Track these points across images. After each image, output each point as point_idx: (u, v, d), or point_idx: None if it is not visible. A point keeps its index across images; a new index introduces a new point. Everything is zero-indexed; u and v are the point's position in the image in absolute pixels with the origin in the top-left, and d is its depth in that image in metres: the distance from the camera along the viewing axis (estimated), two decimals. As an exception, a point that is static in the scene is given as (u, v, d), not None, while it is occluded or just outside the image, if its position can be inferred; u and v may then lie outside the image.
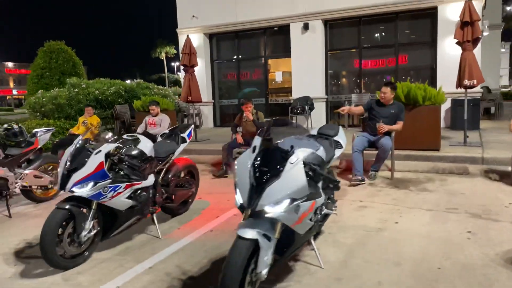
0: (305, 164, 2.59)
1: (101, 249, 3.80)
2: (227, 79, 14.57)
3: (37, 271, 3.49)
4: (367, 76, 12.50)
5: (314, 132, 3.97)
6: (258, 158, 2.64)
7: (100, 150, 3.52)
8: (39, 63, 16.54)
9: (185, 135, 4.79)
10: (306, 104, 12.18)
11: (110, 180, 3.47)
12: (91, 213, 3.49)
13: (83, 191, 3.36)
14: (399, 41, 11.65)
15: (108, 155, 3.52)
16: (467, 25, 7.48)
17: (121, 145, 3.71)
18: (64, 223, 3.39)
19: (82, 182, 3.36)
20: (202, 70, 13.97)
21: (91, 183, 3.38)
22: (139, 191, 3.83)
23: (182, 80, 10.46)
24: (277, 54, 13.56)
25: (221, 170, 6.80)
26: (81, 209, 3.44)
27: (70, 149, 3.54)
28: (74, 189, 3.35)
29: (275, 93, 13.70)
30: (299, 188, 2.48)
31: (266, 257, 2.48)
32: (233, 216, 4.68)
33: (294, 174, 2.50)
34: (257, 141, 2.78)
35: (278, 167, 2.53)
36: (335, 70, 12.77)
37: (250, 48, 14.00)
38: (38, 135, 5.50)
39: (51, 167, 5.72)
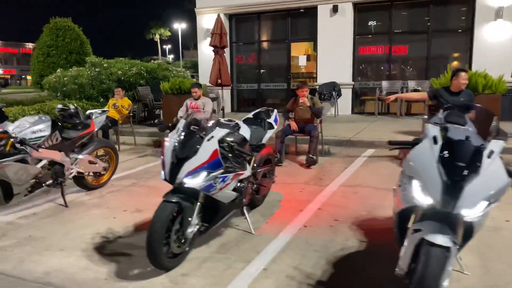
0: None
1: (194, 245, 3.40)
2: (247, 62, 14.04)
3: (134, 272, 3.08)
4: (397, 63, 12.11)
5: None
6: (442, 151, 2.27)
7: (212, 136, 3.10)
8: (45, 41, 15.82)
9: (271, 120, 4.38)
10: (334, 90, 11.77)
11: (222, 170, 3.06)
12: (197, 206, 3.08)
13: (195, 182, 2.95)
14: (432, 28, 11.25)
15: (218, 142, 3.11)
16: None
17: (231, 131, 3.29)
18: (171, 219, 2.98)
19: (194, 172, 2.94)
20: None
21: (204, 173, 2.97)
22: (239, 182, 3.43)
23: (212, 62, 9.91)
24: (301, 37, 13.06)
25: (276, 158, 6.40)
26: (190, 202, 3.02)
27: (174, 134, 3.11)
28: (185, 180, 2.93)
29: (297, 78, 13.23)
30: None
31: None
32: (319, 210, 4.31)
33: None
34: (434, 130, 2.38)
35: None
36: (363, 55, 12.33)
37: (272, 30, 13.49)
38: (93, 117, 5.02)
39: (103, 151, 5.25)
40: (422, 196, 2.21)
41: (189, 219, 3.03)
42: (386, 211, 4.16)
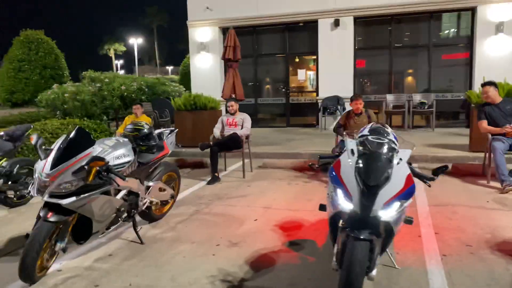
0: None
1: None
2: (242, 76, 13.57)
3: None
4: (399, 76, 12.17)
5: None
6: None
7: (401, 159, 2.64)
8: (16, 55, 14.57)
9: None
10: (338, 104, 11.61)
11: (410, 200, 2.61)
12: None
13: (389, 214, 2.47)
14: (433, 41, 11.44)
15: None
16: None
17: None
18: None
19: (389, 203, 2.47)
20: (215, 68, 12.93)
21: (397, 204, 2.50)
22: None
23: (225, 76, 9.38)
24: (300, 51, 12.87)
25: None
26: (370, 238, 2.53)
27: (350, 157, 2.62)
28: (380, 213, 2.45)
29: (296, 92, 12.98)
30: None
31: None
32: (438, 235, 3.93)
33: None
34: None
35: None
36: (363, 69, 12.29)
37: (269, 44, 13.16)
38: (164, 137, 4.36)
39: (167, 176, 4.59)
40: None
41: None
42: (508, 231, 3.87)
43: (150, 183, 4.17)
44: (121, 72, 62.51)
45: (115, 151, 3.53)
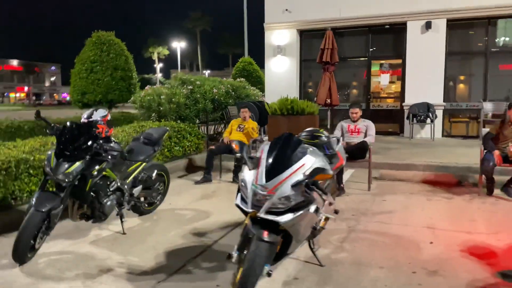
0: None
1: None
2: (318, 80, 13.11)
3: None
4: (495, 83, 11.32)
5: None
6: None
7: None
8: (88, 56, 14.57)
9: None
10: (429, 111, 10.91)
11: None
12: None
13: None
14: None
15: None
16: None
17: None
18: None
19: None
20: (292, 71, 12.51)
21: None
22: None
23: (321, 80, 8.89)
24: (383, 55, 12.23)
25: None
26: None
27: None
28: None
29: (378, 98, 12.36)
30: None
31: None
32: None
33: None
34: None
35: None
36: (454, 75, 11.55)
37: (350, 48, 12.60)
38: (336, 147, 3.90)
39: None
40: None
41: None
42: None
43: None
44: (159, 75, 63.53)
45: (320, 161, 3.07)
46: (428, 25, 10.96)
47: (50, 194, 3.69)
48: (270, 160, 2.80)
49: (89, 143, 3.75)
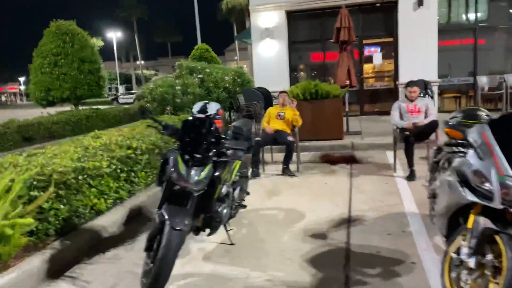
0: None
1: None
2: (309, 63, 12.82)
3: None
4: (483, 56, 11.65)
5: None
6: None
7: None
8: (50, 48, 13.05)
9: None
10: (426, 89, 10.96)
11: None
12: None
13: None
14: None
15: None
16: None
17: None
18: None
19: None
20: (282, 56, 12.05)
21: None
22: None
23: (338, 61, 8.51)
24: (375, 34, 12.11)
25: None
26: None
27: None
28: None
29: (371, 78, 12.29)
30: None
31: None
32: None
33: None
34: None
35: None
36: (447, 51, 11.74)
37: (340, 27, 12.32)
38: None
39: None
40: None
41: None
42: None
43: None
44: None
45: None
46: (420, 2, 10.96)
47: (177, 207, 3.00)
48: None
49: (217, 142, 3.10)
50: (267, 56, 12.11)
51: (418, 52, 11.12)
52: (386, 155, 6.99)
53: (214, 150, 3.09)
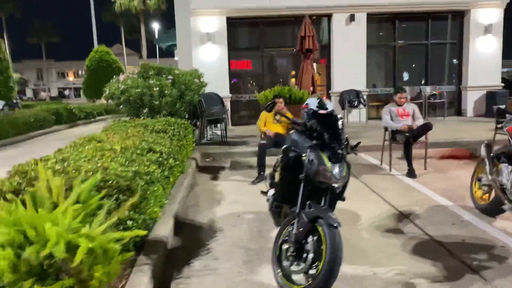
0: None
1: None
2: (247, 70, 12.93)
3: None
4: (402, 69, 13.13)
5: None
6: None
7: None
8: None
9: None
10: (358, 97, 12.02)
11: None
12: None
13: None
14: (430, 39, 12.71)
15: None
16: None
17: None
18: None
19: None
20: (223, 61, 12.01)
21: None
22: None
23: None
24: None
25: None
26: None
27: None
28: None
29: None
30: None
31: None
32: None
33: None
34: None
35: None
36: (375, 64, 12.95)
37: (278, 37, 12.75)
38: None
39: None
40: None
41: None
42: None
43: None
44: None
45: None
46: (352, 18, 11.95)
47: (317, 204, 2.88)
48: None
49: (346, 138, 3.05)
50: (208, 61, 11.92)
51: (350, 64, 12.08)
52: (363, 157, 7.45)
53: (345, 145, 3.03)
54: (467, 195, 4.80)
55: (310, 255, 2.70)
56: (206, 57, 11.90)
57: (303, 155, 2.98)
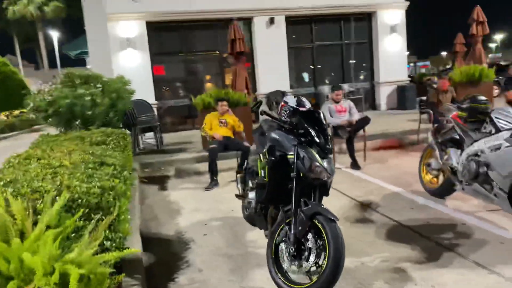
0: None
1: None
2: (171, 75, 12.60)
3: None
4: (321, 69, 13.74)
5: None
6: None
7: None
8: None
9: None
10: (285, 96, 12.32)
11: None
12: None
13: None
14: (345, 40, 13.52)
15: None
16: None
17: None
18: None
19: None
20: (146, 67, 11.58)
21: None
22: None
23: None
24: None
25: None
26: None
27: None
28: None
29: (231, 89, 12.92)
30: None
31: None
32: None
33: None
34: None
35: None
36: (296, 65, 13.37)
37: (201, 41, 12.56)
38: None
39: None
40: None
41: None
42: None
43: None
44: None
45: None
46: (271, 21, 12.24)
47: (308, 200, 2.89)
48: None
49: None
50: (130, 67, 11.33)
51: (273, 66, 12.36)
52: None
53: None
54: (412, 181, 5.19)
55: (313, 252, 2.69)
56: (128, 64, 11.33)
57: (289, 153, 2.96)
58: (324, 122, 3.07)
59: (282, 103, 3.31)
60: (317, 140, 2.94)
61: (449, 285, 2.79)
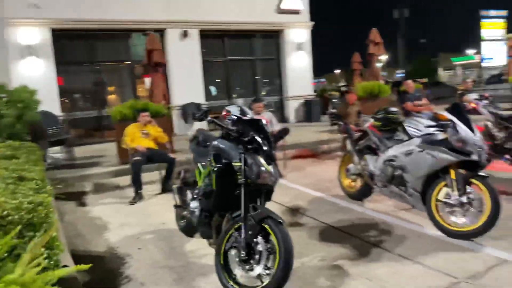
0: None
1: None
2: (78, 86, 11.89)
3: None
4: (234, 83, 14.03)
5: None
6: None
7: None
8: None
9: None
10: (200, 109, 12.37)
11: None
12: None
13: None
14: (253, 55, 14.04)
15: None
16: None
17: None
18: None
19: None
20: (50, 76, 10.83)
21: None
22: None
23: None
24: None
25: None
26: None
27: None
28: None
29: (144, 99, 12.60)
30: None
31: None
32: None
33: None
34: None
35: None
36: (211, 78, 13.45)
37: (111, 51, 12.07)
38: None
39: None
40: None
41: None
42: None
43: None
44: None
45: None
46: (185, 34, 12.27)
47: (256, 204, 3.02)
48: None
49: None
50: (32, 76, 10.43)
51: (187, 78, 12.36)
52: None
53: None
54: (331, 186, 5.60)
55: (264, 254, 2.79)
56: (29, 73, 10.45)
57: (234, 161, 3.05)
58: (267, 130, 3.21)
59: (225, 112, 3.39)
60: (264, 147, 3.07)
61: (382, 277, 3.09)
